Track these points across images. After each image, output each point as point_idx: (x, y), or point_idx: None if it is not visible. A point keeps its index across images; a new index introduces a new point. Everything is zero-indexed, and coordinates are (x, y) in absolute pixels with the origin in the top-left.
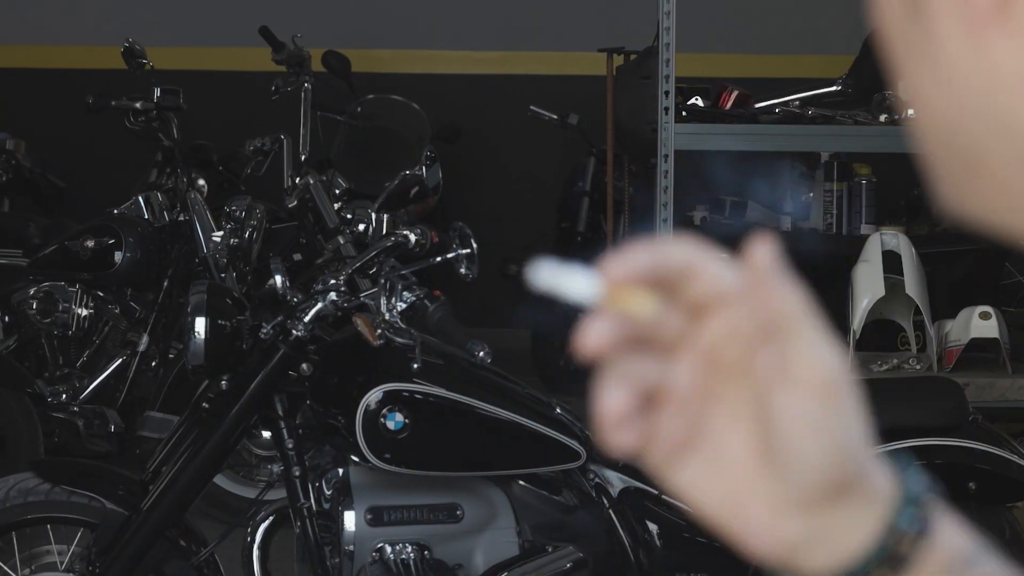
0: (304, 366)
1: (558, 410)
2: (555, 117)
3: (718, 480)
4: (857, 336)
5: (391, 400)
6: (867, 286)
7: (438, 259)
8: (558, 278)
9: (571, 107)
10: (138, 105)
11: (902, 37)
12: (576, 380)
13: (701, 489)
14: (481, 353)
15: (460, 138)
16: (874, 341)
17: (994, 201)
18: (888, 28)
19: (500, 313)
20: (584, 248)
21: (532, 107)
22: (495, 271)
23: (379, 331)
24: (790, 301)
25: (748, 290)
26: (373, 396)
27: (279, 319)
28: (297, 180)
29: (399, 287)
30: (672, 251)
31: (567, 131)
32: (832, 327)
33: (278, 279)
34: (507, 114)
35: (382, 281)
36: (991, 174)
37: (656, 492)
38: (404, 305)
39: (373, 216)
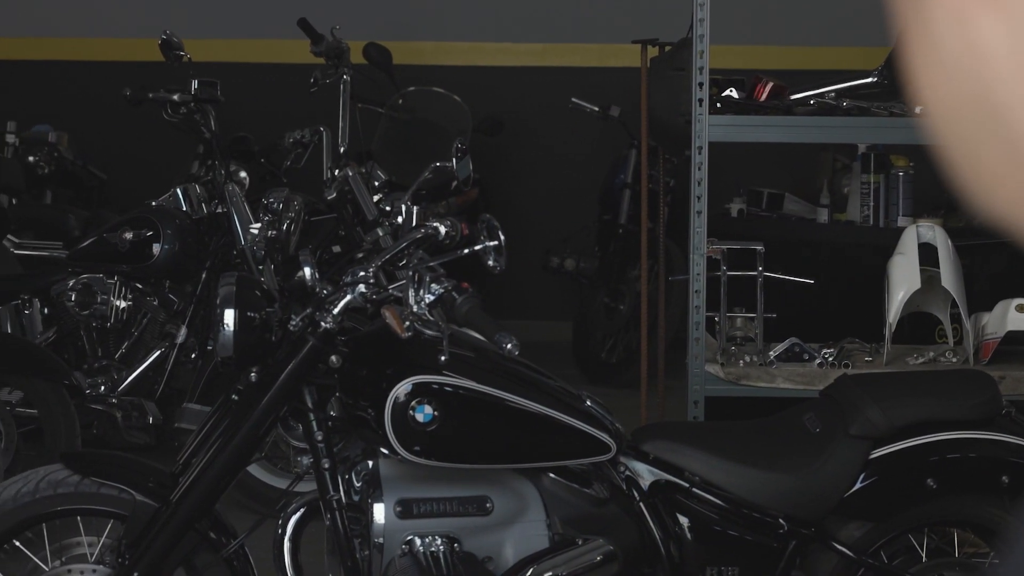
0: (333, 358)
1: (588, 402)
2: (596, 109)
3: None
4: (893, 329)
5: (420, 392)
6: (903, 279)
7: (466, 251)
8: None
9: (612, 99)
10: (175, 97)
11: (906, 25)
12: (617, 373)
13: None
14: (509, 345)
15: (501, 130)
16: (911, 334)
17: (998, 194)
18: (896, 17)
19: (542, 305)
20: (625, 240)
21: (574, 99)
22: (537, 263)
23: (407, 323)
24: None
25: None
26: (402, 388)
27: (308, 311)
28: (336, 172)
29: (427, 279)
30: None
31: (608, 123)
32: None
33: (307, 271)
34: (549, 106)
35: (410, 273)
36: (988, 165)
37: (687, 485)
38: (432, 297)
39: (403, 208)
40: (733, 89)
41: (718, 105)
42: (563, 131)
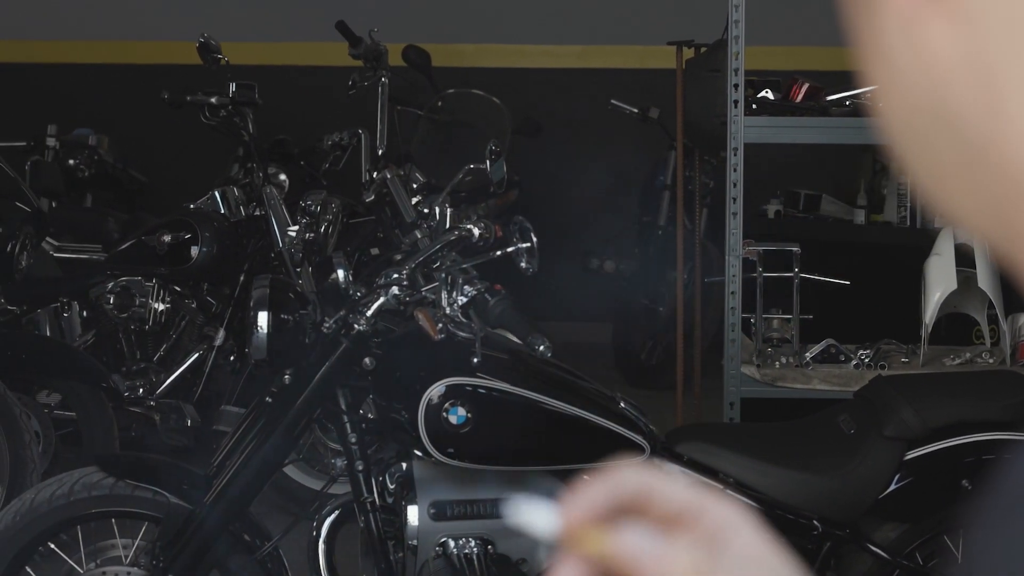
0: (367, 360)
1: (622, 404)
2: (636, 111)
3: None
4: (929, 330)
5: (453, 394)
6: (939, 279)
7: (498, 253)
8: (527, 515)
9: (652, 101)
10: (213, 100)
11: (859, 34)
12: (657, 374)
13: None
14: (542, 347)
15: (541, 132)
16: (947, 335)
17: (961, 203)
18: (850, 27)
19: (582, 306)
20: (665, 241)
21: (613, 101)
22: (577, 265)
23: (440, 325)
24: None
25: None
26: (435, 390)
27: (341, 313)
28: (375, 175)
29: (460, 281)
30: (624, 481)
31: (648, 125)
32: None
33: (340, 273)
34: (588, 108)
35: (443, 275)
36: (944, 172)
37: (720, 487)
38: (465, 299)
39: (436, 210)
40: (769, 90)
41: (753, 107)
42: (603, 133)
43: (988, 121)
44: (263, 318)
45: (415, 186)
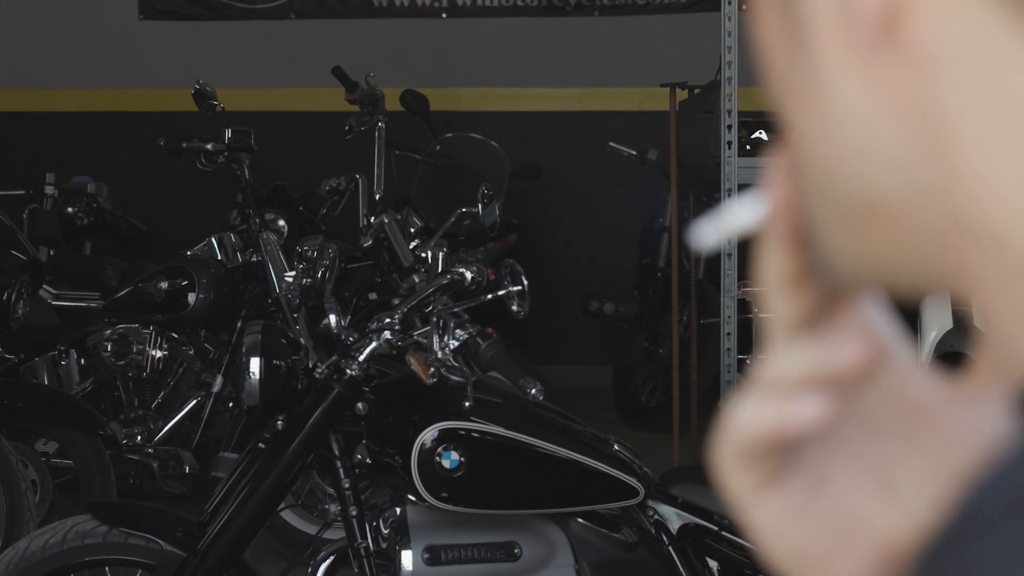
0: (360, 405)
1: (616, 447)
2: (634, 153)
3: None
4: None
5: (447, 439)
6: (935, 319)
7: (489, 296)
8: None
9: (649, 143)
10: (209, 147)
11: (783, 72)
12: (657, 416)
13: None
14: (533, 390)
15: (540, 176)
16: (945, 375)
17: (889, 247)
18: (769, 64)
19: (582, 349)
20: (665, 283)
21: (611, 143)
22: (577, 308)
23: (432, 369)
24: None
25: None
26: (428, 435)
27: (333, 358)
28: (372, 219)
29: (451, 325)
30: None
31: (646, 167)
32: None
33: (332, 318)
34: (587, 151)
35: (435, 319)
36: (887, 216)
37: (715, 528)
38: (456, 343)
39: (429, 253)
40: (763, 131)
41: (748, 147)
42: (601, 175)
43: (937, 164)
44: (255, 364)
45: (413, 231)
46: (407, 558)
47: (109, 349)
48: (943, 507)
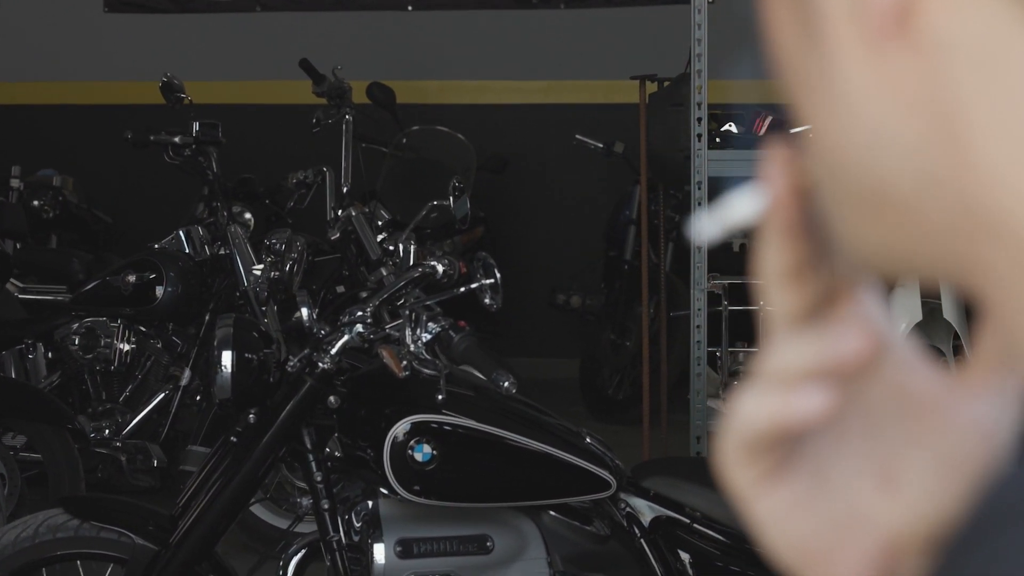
0: (332, 399)
1: (588, 440)
2: (601, 146)
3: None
4: None
5: (419, 432)
6: (905, 311)
7: (462, 289)
8: (729, 210)
9: (616, 135)
10: (177, 139)
11: (796, 62)
12: (624, 409)
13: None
14: (506, 383)
15: (506, 168)
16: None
17: (901, 237)
18: (782, 55)
19: (549, 342)
20: (631, 276)
21: (578, 136)
22: (543, 301)
23: (404, 363)
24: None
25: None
26: (400, 428)
27: (305, 352)
28: (339, 212)
29: (424, 318)
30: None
31: (613, 160)
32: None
33: (304, 312)
34: (553, 143)
35: (407, 312)
36: (899, 206)
37: (687, 521)
38: (429, 336)
39: (400, 247)
40: (732, 124)
41: (717, 140)
42: (568, 168)
43: (949, 154)
44: (227, 357)
45: (380, 223)
46: (379, 551)
47: (76, 342)
48: (960, 501)
